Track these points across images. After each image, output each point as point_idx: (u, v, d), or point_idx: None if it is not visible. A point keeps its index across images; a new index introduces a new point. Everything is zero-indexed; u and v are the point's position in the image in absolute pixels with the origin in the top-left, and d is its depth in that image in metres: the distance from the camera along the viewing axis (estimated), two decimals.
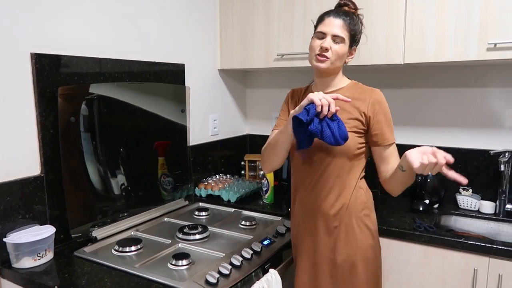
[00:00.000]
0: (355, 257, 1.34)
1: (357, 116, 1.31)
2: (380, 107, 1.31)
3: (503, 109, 1.85)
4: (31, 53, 1.33)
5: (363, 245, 1.35)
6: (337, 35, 1.28)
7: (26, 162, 1.34)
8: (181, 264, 1.28)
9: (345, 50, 1.30)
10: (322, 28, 1.29)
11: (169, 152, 1.82)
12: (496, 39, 1.52)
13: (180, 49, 1.97)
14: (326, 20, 1.30)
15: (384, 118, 1.31)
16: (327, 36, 1.28)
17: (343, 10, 1.33)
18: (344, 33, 1.28)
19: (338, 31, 1.28)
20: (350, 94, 1.33)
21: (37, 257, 1.26)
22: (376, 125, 1.30)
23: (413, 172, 1.18)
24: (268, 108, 2.48)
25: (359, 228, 1.35)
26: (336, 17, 1.29)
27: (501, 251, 1.41)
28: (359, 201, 1.36)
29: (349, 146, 1.28)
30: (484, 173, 1.89)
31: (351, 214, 1.34)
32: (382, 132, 1.30)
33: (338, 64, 1.32)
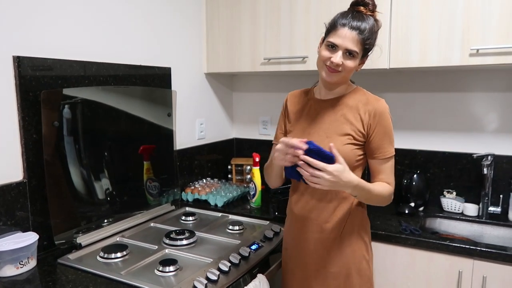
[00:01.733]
0: (350, 269, 1.33)
1: (358, 127, 1.27)
2: (381, 119, 1.25)
3: (485, 114, 1.89)
4: (13, 56, 1.30)
5: (357, 256, 1.34)
6: (350, 50, 1.19)
7: (8, 167, 1.31)
8: (168, 270, 1.26)
9: (356, 64, 1.22)
10: (335, 40, 1.19)
11: (155, 157, 1.81)
12: (478, 45, 1.55)
13: (166, 52, 1.96)
14: (340, 30, 1.18)
15: (383, 130, 1.26)
16: (339, 50, 1.19)
17: (359, 15, 1.20)
18: (358, 47, 1.19)
19: (352, 45, 1.18)
20: (354, 103, 1.29)
21: (19, 265, 1.23)
22: (374, 137, 1.26)
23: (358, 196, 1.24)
24: (255, 112, 2.48)
25: (355, 240, 1.34)
26: (352, 29, 1.17)
27: (485, 253, 1.44)
28: (356, 214, 1.35)
29: (349, 159, 1.22)
30: (467, 176, 1.93)
31: (348, 227, 1.33)
32: (380, 145, 1.26)
33: (349, 76, 1.27)
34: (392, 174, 1.31)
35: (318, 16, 1.84)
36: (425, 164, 2.01)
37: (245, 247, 1.42)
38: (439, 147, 1.99)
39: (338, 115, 1.29)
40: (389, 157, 1.28)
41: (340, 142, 1.26)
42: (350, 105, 1.29)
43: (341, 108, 1.30)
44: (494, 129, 1.88)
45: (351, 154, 1.26)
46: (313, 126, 1.33)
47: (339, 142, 1.26)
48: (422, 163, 2.02)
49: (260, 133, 2.47)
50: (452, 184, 1.96)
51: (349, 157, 1.24)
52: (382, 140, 1.26)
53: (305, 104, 1.38)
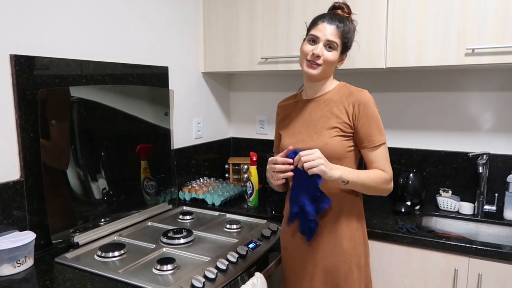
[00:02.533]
0: (351, 263, 1.34)
1: (344, 119, 1.31)
2: (364, 108, 1.30)
3: (481, 113, 1.91)
4: (10, 54, 1.30)
5: (357, 252, 1.36)
6: (330, 41, 1.27)
7: (5, 166, 1.31)
8: (166, 269, 1.26)
9: (336, 57, 1.30)
10: (315, 32, 1.29)
11: (152, 156, 1.81)
12: (474, 45, 1.57)
13: (164, 51, 1.96)
14: (320, 25, 1.29)
15: (368, 119, 1.29)
16: (320, 42, 1.28)
17: (337, 15, 1.31)
18: (337, 40, 1.28)
19: (331, 37, 1.27)
20: (338, 97, 1.35)
21: (16, 264, 1.23)
22: (360, 126, 1.30)
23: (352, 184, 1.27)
24: (252, 111, 2.49)
25: (354, 235, 1.36)
26: (330, 23, 1.28)
27: (481, 251, 1.45)
28: (353, 207, 1.37)
29: (338, 150, 1.29)
30: (463, 175, 1.94)
31: (346, 220, 1.35)
32: (367, 134, 1.30)
33: (329, 70, 1.33)
34: (387, 161, 1.33)
35: (315, 15, 1.84)
36: (421, 163, 2.02)
37: (243, 245, 1.43)
38: (435, 146, 2.01)
39: (324, 110, 1.35)
40: (379, 144, 1.30)
41: (328, 135, 1.31)
42: (335, 99, 1.35)
43: (326, 104, 1.36)
44: (489, 128, 1.90)
45: (340, 145, 1.31)
46: (302, 125, 1.39)
47: (327, 135, 1.31)
48: (418, 162, 2.03)
49: (257, 133, 2.47)
50: (448, 183, 1.97)
51: (338, 148, 1.30)
52: (368, 128, 1.29)
53: (294, 107, 1.46)
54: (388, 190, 1.34)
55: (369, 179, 1.29)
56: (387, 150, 1.33)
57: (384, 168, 1.32)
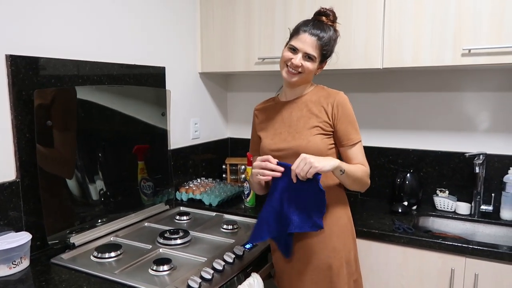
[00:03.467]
0: (341, 259, 1.36)
1: (324, 119, 1.36)
2: (343, 108, 1.35)
3: (477, 113, 1.91)
4: (6, 54, 1.29)
5: (346, 246, 1.38)
6: (309, 54, 1.31)
7: (1, 166, 1.30)
8: (163, 270, 1.26)
9: (315, 67, 1.34)
10: (296, 43, 1.32)
11: (149, 156, 1.80)
12: (470, 45, 1.57)
13: (161, 52, 1.96)
14: (301, 35, 1.31)
15: (346, 119, 1.35)
16: (299, 53, 1.31)
17: (321, 24, 1.32)
18: (316, 52, 1.31)
19: (311, 50, 1.30)
20: (317, 98, 1.39)
21: (12, 265, 1.22)
22: (339, 126, 1.35)
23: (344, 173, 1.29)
24: (249, 111, 2.47)
25: (343, 230, 1.38)
26: (312, 35, 1.30)
27: (477, 251, 1.45)
28: (340, 203, 1.40)
29: (320, 148, 1.33)
30: (460, 175, 1.95)
31: (334, 217, 1.37)
32: (346, 133, 1.35)
33: (308, 77, 1.38)
34: (364, 157, 1.39)
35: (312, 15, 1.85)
36: (418, 163, 2.03)
37: (239, 246, 1.42)
38: (432, 146, 2.01)
39: (304, 111, 1.39)
40: (356, 142, 1.36)
41: (309, 134, 1.35)
42: (313, 100, 1.39)
43: (306, 105, 1.40)
44: (486, 129, 1.90)
45: (322, 143, 1.34)
46: (283, 126, 1.42)
47: (308, 134, 1.35)
48: (415, 162, 2.03)
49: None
50: (445, 183, 1.98)
51: (320, 146, 1.33)
52: (347, 128, 1.35)
53: (272, 109, 1.48)
54: (368, 184, 1.39)
55: (358, 170, 1.33)
56: (362, 147, 1.39)
57: (363, 163, 1.37)
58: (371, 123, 2.13)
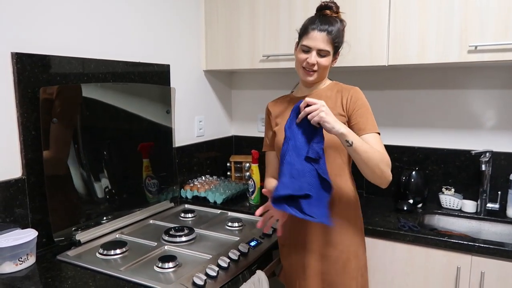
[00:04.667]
0: (349, 253, 1.36)
1: (339, 111, 1.35)
2: (358, 100, 1.34)
3: (484, 110, 1.90)
4: (11, 52, 1.30)
5: (354, 241, 1.38)
6: (322, 50, 1.31)
7: (7, 164, 1.31)
8: (168, 267, 1.26)
9: (330, 61, 1.35)
10: (308, 43, 1.31)
11: (154, 154, 1.81)
12: (477, 42, 1.56)
13: (165, 50, 1.96)
14: (311, 34, 1.31)
15: (361, 110, 1.33)
16: (313, 51, 1.31)
17: (326, 18, 1.32)
18: (329, 46, 1.31)
19: (323, 45, 1.30)
20: (331, 93, 1.39)
21: (18, 262, 1.23)
22: (355, 117, 1.33)
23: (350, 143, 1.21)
24: (254, 109, 2.48)
25: (351, 225, 1.38)
26: (321, 31, 1.30)
27: (483, 249, 1.44)
28: (351, 196, 1.40)
29: (335, 141, 1.29)
30: (466, 173, 1.93)
31: (345, 209, 1.37)
32: (361, 123, 1.32)
33: (325, 73, 1.39)
34: (383, 149, 1.30)
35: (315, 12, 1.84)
36: (424, 161, 2.01)
37: (244, 243, 1.42)
38: (437, 144, 2.00)
39: None
40: (373, 132, 1.32)
41: None
42: (328, 95, 1.39)
43: (320, 98, 1.33)
44: (492, 126, 1.89)
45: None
46: None
47: None
48: (421, 160, 2.02)
49: (259, 131, 2.47)
50: (451, 181, 1.97)
51: (335, 138, 1.26)
52: (361, 119, 1.32)
53: (286, 104, 1.48)
54: (388, 176, 1.27)
55: (373, 151, 1.23)
56: (381, 140, 1.32)
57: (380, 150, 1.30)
58: (376, 121, 2.11)
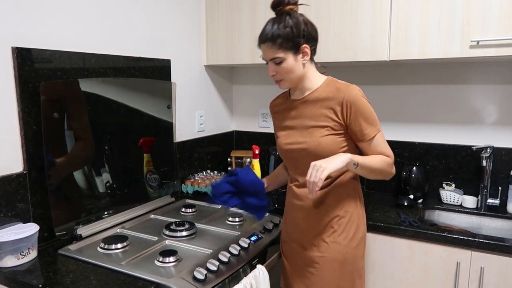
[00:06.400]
0: (346, 254, 1.35)
1: (334, 118, 1.29)
2: (355, 105, 1.27)
3: (485, 106, 1.89)
4: (12, 47, 1.30)
5: (354, 242, 1.37)
6: (274, 58, 1.25)
7: (8, 159, 1.31)
8: (169, 261, 1.27)
9: (291, 63, 1.26)
10: (262, 55, 1.30)
11: (155, 149, 1.81)
12: (479, 37, 1.55)
13: (166, 44, 1.95)
14: (261, 48, 1.29)
15: (359, 117, 1.27)
16: (269, 62, 1.28)
17: (271, 22, 1.25)
18: (278, 52, 1.24)
19: (272, 54, 1.25)
20: (326, 95, 1.31)
21: (20, 256, 1.24)
22: (353, 125, 1.28)
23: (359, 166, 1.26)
24: (255, 104, 2.48)
25: (350, 225, 1.37)
26: (264, 41, 1.25)
27: (483, 244, 1.45)
28: (350, 198, 1.38)
29: (332, 148, 1.29)
30: (467, 169, 1.93)
31: (342, 211, 1.36)
32: (361, 129, 1.28)
33: (296, 75, 1.29)
34: (386, 147, 1.33)
35: (318, 8, 1.84)
36: (424, 156, 2.01)
37: (245, 238, 1.43)
38: (438, 139, 2.00)
39: (313, 110, 1.33)
40: (374, 136, 1.30)
41: (319, 134, 1.30)
42: (323, 97, 1.31)
43: (315, 103, 1.33)
44: (493, 122, 1.88)
45: (333, 143, 1.29)
46: (293, 126, 1.38)
47: (318, 134, 1.31)
48: (421, 155, 2.02)
49: (259, 126, 2.47)
50: (451, 176, 1.97)
51: (332, 147, 1.29)
52: (361, 124, 1.28)
53: (285, 107, 1.43)
54: (392, 173, 1.35)
55: (375, 162, 1.28)
56: (383, 137, 1.32)
57: (384, 153, 1.32)
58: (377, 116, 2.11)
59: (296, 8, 1.28)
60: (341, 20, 1.80)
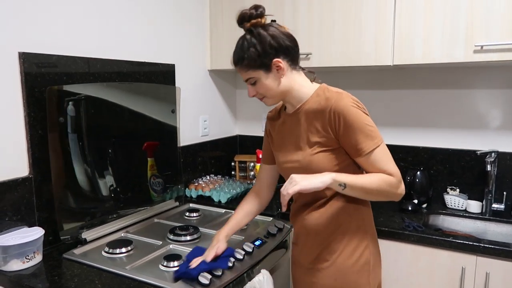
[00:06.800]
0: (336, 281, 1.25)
1: (324, 133, 1.17)
2: (344, 117, 1.12)
3: (489, 110, 1.89)
4: (19, 52, 1.31)
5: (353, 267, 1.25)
6: (247, 80, 1.19)
7: (14, 163, 1.32)
8: (173, 265, 1.27)
9: (265, 81, 1.17)
10: None
11: (159, 153, 1.81)
12: (483, 41, 1.55)
13: (170, 49, 1.96)
14: None
15: (350, 128, 1.12)
16: (248, 84, 1.22)
17: (237, 46, 1.21)
18: (249, 73, 1.17)
19: (244, 76, 1.19)
20: (315, 106, 1.19)
21: (25, 260, 1.24)
22: (344, 139, 1.15)
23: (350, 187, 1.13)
24: (258, 109, 2.48)
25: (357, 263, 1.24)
26: (234, 66, 1.20)
27: (488, 249, 1.44)
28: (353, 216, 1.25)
29: (324, 167, 1.17)
30: (471, 173, 1.93)
31: (342, 246, 1.24)
32: (355, 143, 1.13)
33: (276, 91, 1.19)
34: (387, 163, 1.15)
35: (321, 13, 1.84)
36: (429, 161, 2.01)
37: (249, 243, 1.43)
38: (442, 144, 1.99)
39: (304, 125, 1.21)
40: (371, 150, 1.13)
41: (310, 152, 1.19)
42: (312, 110, 1.19)
43: (306, 117, 1.21)
44: (497, 126, 1.88)
45: (325, 160, 1.18)
46: (286, 141, 1.28)
47: (309, 152, 1.19)
48: (426, 160, 2.02)
49: (263, 130, 2.46)
50: (456, 181, 1.96)
51: (324, 164, 1.17)
52: (353, 137, 1.13)
53: (278, 121, 1.33)
54: (398, 194, 1.17)
55: (371, 181, 1.13)
56: (385, 152, 1.15)
57: (386, 171, 1.14)
58: (381, 121, 2.12)
59: (262, 20, 1.19)
60: (345, 24, 1.80)
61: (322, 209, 1.25)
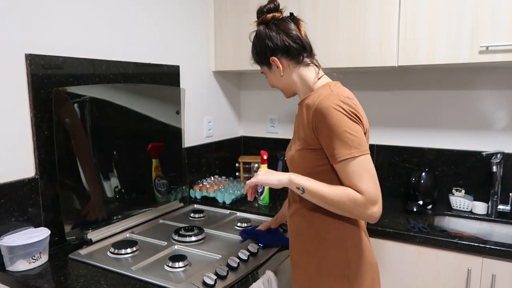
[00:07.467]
0: None
1: (306, 131, 1.12)
2: (323, 117, 1.05)
3: (494, 111, 1.88)
4: (25, 53, 1.32)
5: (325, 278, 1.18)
6: (262, 72, 1.28)
7: (21, 164, 1.33)
8: (178, 266, 1.27)
9: (270, 76, 1.24)
10: None
11: (164, 154, 1.82)
12: (488, 42, 1.54)
13: (175, 51, 1.97)
14: None
15: (327, 131, 1.05)
16: None
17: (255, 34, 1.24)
18: (260, 65, 1.25)
19: (260, 68, 1.27)
20: (311, 102, 1.13)
21: (31, 260, 1.25)
22: (321, 140, 1.08)
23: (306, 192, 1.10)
24: (262, 110, 2.49)
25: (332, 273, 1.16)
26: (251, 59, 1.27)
27: (494, 251, 1.43)
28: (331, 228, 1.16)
29: (305, 166, 1.14)
30: (476, 174, 1.92)
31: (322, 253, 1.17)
32: (329, 148, 1.06)
33: (282, 85, 1.23)
34: (360, 178, 1.02)
35: (325, 13, 1.84)
36: (434, 162, 2.00)
37: (254, 244, 1.43)
38: (447, 145, 1.98)
39: (301, 118, 1.18)
40: (344, 159, 1.03)
41: (295, 147, 1.17)
42: (307, 105, 1.15)
43: (302, 111, 1.18)
44: (503, 127, 1.87)
45: (305, 159, 1.13)
46: (293, 132, 1.27)
47: (295, 147, 1.18)
48: (431, 161, 2.01)
49: (267, 131, 2.48)
50: (461, 182, 1.95)
51: (304, 162, 1.13)
52: (329, 141, 1.06)
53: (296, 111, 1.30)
54: (367, 215, 1.03)
55: (332, 193, 1.05)
56: (362, 166, 1.03)
57: (356, 186, 1.03)
58: (386, 122, 2.12)
59: (279, 15, 1.21)
60: (350, 25, 1.80)
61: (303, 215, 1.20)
